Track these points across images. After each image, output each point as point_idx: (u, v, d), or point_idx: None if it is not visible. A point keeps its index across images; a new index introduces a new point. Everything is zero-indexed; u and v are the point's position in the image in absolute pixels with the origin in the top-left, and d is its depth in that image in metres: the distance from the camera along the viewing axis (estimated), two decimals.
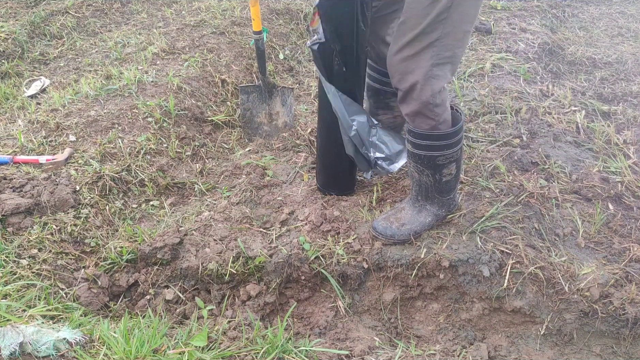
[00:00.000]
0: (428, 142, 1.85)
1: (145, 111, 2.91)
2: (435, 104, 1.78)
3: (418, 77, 1.73)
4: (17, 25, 4.25)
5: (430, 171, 1.91)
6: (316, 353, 1.72)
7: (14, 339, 1.45)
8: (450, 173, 1.92)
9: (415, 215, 2.02)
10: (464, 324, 2.00)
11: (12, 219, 2.14)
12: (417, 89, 1.75)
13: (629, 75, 3.62)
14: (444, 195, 2.00)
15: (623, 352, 1.85)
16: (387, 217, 2.05)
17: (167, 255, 2.09)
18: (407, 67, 1.74)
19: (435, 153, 1.86)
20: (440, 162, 1.88)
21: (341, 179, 2.35)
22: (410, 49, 1.72)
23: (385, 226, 2.02)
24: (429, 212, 2.03)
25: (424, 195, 2.00)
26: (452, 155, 1.88)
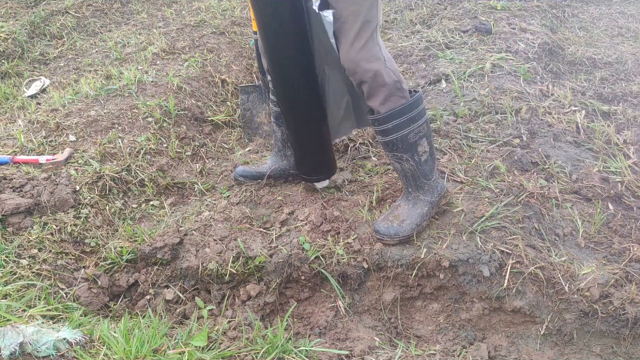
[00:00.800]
0: (395, 121, 1.91)
1: (145, 111, 2.91)
2: (400, 80, 1.89)
3: (375, 64, 1.83)
4: (17, 25, 4.25)
5: (408, 154, 1.97)
6: (316, 353, 1.72)
7: (14, 339, 1.45)
8: (425, 151, 1.99)
9: (412, 209, 2.05)
10: (464, 324, 2.00)
11: (12, 219, 2.14)
12: (381, 74, 1.84)
13: (629, 75, 3.62)
14: (429, 178, 2.05)
15: (623, 352, 1.85)
16: (385, 218, 2.07)
17: (167, 255, 2.09)
18: (363, 57, 1.82)
19: (405, 130, 1.92)
20: (413, 140, 1.94)
21: (324, 157, 2.28)
22: (359, 40, 1.80)
23: (387, 226, 2.03)
24: (423, 202, 2.06)
25: (414, 185, 2.05)
26: (419, 129, 1.95)
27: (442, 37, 3.85)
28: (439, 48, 3.72)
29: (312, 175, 2.30)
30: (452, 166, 2.42)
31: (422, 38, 3.94)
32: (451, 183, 2.33)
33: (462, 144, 2.61)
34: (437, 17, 4.41)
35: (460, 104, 2.93)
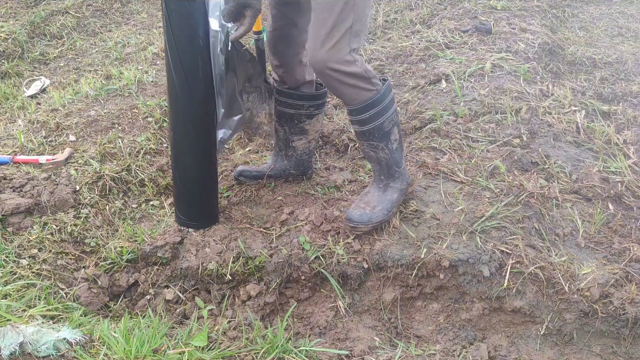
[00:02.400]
0: (372, 110, 1.94)
1: (145, 111, 2.91)
2: (370, 76, 1.90)
3: (345, 64, 1.83)
4: (17, 25, 4.25)
5: (383, 143, 2.01)
6: (316, 353, 1.72)
7: (14, 339, 1.45)
8: (396, 139, 2.05)
9: (382, 195, 2.09)
10: (464, 324, 2.00)
11: (12, 219, 2.14)
12: (350, 73, 1.85)
13: (629, 75, 3.62)
14: (399, 166, 2.11)
15: (623, 352, 1.85)
16: (356, 206, 2.09)
17: (168, 254, 2.09)
18: (332, 57, 1.82)
19: (381, 119, 1.97)
20: (388, 128, 1.99)
21: (211, 201, 2.23)
22: (330, 40, 1.80)
23: (360, 213, 2.04)
24: (393, 189, 2.10)
25: (386, 173, 2.09)
26: (392, 117, 2.00)
27: (442, 37, 3.85)
28: (439, 48, 3.72)
29: (191, 220, 2.20)
30: (452, 166, 2.42)
31: (422, 38, 3.94)
32: (451, 183, 2.33)
33: (462, 144, 2.61)
34: (437, 17, 4.41)
35: (460, 104, 2.93)
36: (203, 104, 1.98)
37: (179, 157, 2.10)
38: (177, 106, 1.99)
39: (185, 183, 2.13)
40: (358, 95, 1.91)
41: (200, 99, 1.96)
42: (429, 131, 2.73)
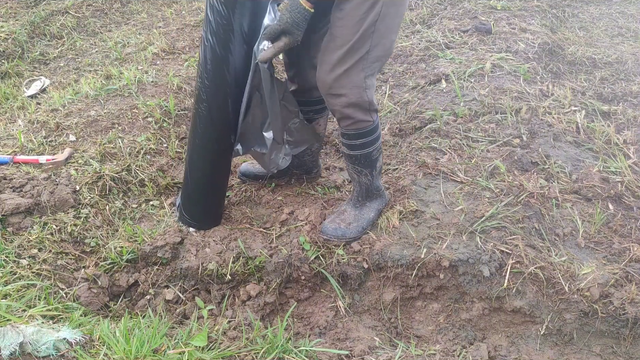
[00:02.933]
0: (364, 139, 1.95)
1: (145, 111, 2.91)
2: (371, 109, 1.90)
3: (353, 91, 1.81)
4: (17, 25, 4.25)
5: (368, 169, 2.04)
6: (316, 353, 1.72)
7: (14, 339, 1.45)
8: (380, 166, 2.10)
9: (358, 214, 2.11)
10: (464, 324, 2.00)
11: (12, 219, 2.14)
12: (354, 103, 1.84)
13: (629, 75, 3.62)
14: (379, 189, 2.15)
15: (623, 352, 1.85)
16: (332, 220, 2.11)
17: (168, 254, 2.09)
18: (341, 84, 1.80)
19: (370, 148, 1.98)
20: (375, 157, 2.01)
21: (219, 206, 2.26)
22: (341, 66, 1.77)
23: (335, 228, 2.07)
24: (370, 209, 2.13)
25: (365, 195, 2.12)
26: (379, 146, 2.02)
27: (442, 37, 3.85)
28: (439, 48, 3.72)
29: (195, 222, 2.22)
30: (452, 166, 2.42)
31: (422, 38, 3.94)
32: (451, 183, 2.33)
33: (462, 144, 2.60)
34: (437, 17, 4.41)
35: (460, 104, 2.93)
36: (227, 110, 2.00)
37: (195, 158, 2.10)
38: (200, 106, 2.00)
39: (197, 184, 2.14)
40: (355, 123, 1.91)
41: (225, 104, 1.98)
42: (429, 131, 2.73)
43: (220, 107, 1.98)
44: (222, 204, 2.26)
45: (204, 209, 2.20)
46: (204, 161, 2.10)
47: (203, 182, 2.14)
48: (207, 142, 2.05)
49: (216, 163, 2.11)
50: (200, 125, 2.02)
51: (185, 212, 2.20)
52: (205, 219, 2.21)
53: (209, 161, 2.09)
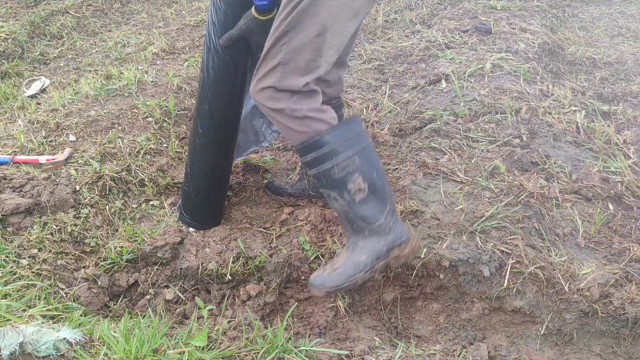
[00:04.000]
0: (314, 153, 1.68)
1: (145, 111, 2.91)
2: (299, 116, 1.66)
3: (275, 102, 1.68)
4: (17, 25, 4.25)
5: (336, 192, 1.68)
6: (316, 353, 1.72)
7: (14, 339, 1.45)
8: (360, 188, 1.66)
9: (349, 257, 1.71)
10: (464, 324, 2.00)
11: (12, 219, 2.14)
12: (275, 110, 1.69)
13: (629, 75, 3.62)
14: (370, 222, 1.68)
15: (623, 352, 1.85)
16: (323, 266, 1.84)
17: (168, 254, 2.09)
18: (262, 96, 1.70)
19: (327, 164, 1.66)
20: (339, 176, 1.65)
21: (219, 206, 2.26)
22: (258, 72, 1.70)
23: (317, 275, 1.74)
24: (362, 249, 1.69)
25: (349, 227, 1.74)
26: (346, 162, 1.65)
27: (442, 37, 3.85)
28: (439, 48, 3.72)
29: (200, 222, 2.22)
30: (452, 166, 2.42)
31: (422, 38, 3.94)
32: (451, 183, 2.33)
33: (462, 144, 2.60)
34: (437, 17, 4.41)
35: (460, 104, 2.93)
36: (229, 111, 2.01)
37: (196, 158, 2.11)
38: (202, 106, 2.00)
39: (198, 184, 2.14)
40: (290, 134, 1.72)
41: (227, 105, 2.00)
42: (429, 131, 2.73)
43: (222, 108, 1.98)
44: (223, 204, 2.26)
45: (204, 209, 2.20)
46: (204, 162, 2.10)
47: (203, 183, 2.14)
48: (208, 142, 2.05)
49: (217, 164, 2.11)
50: (202, 125, 2.02)
51: (185, 212, 2.20)
52: (205, 219, 2.21)
53: (209, 162, 2.10)
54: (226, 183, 2.23)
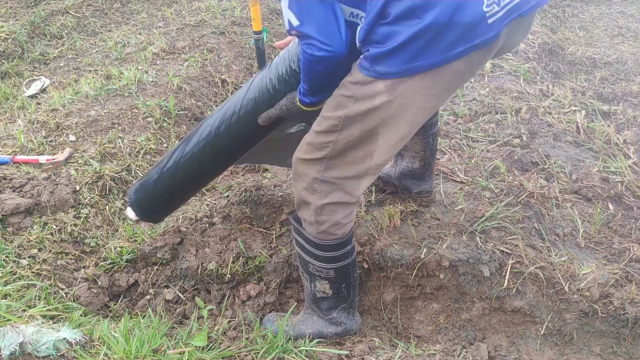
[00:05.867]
0: (303, 242, 1.71)
1: (145, 111, 2.91)
2: (320, 229, 1.64)
3: (303, 184, 1.62)
4: (17, 25, 4.25)
5: (306, 275, 1.77)
6: (316, 353, 1.72)
7: (14, 339, 1.45)
8: (324, 291, 1.75)
9: (301, 322, 1.84)
10: (464, 324, 2.00)
11: (12, 219, 2.14)
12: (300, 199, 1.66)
13: (629, 75, 3.62)
14: (322, 311, 1.80)
15: (623, 352, 1.85)
16: (279, 314, 1.93)
17: (167, 255, 2.09)
18: (297, 168, 1.64)
19: (306, 257, 1.72)
20: (312, 271, 1.73)
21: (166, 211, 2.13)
22: (305, 152, 1.60)
23: (270, 319, 1.89)
24: (313, 325, 1.82)
25: (309, 303, 1.84)
26: (323, 271, 1.71)
27: None
28: None
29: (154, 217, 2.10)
30: (452, 166, 2.42)
31: None
32: (451, 183, 2.33)
33: (462, 144, 2.60)
34: None
35: (460, 104, 2.93)
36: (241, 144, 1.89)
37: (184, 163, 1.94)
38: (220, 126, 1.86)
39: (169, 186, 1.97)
40: (298, 219, 1.70)
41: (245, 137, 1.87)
42: None
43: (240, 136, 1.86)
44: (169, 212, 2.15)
45: (154, 206, 2.04)
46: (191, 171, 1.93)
47: (167, 187, 1.97)
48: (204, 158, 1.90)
49: (202, 179, 2.01)
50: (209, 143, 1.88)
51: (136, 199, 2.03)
52: (152, 215, 2.08)
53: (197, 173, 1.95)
54: (190, 196, 2.12)
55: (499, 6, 1.33)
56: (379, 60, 1.37)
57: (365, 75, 1.41)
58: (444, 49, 1.33)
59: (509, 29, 1.38)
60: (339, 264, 1.70)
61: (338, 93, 1.49)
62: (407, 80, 1.38)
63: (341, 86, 1.48)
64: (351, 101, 1.45)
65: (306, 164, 1.59)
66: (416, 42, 1.31)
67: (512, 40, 1.50)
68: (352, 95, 1.44)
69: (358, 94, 1.43)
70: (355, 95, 1.43)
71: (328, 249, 1.67)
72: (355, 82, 1.43)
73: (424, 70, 1.35)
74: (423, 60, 1.34)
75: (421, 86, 1.39)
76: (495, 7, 1.32)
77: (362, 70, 1.41)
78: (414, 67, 1.35)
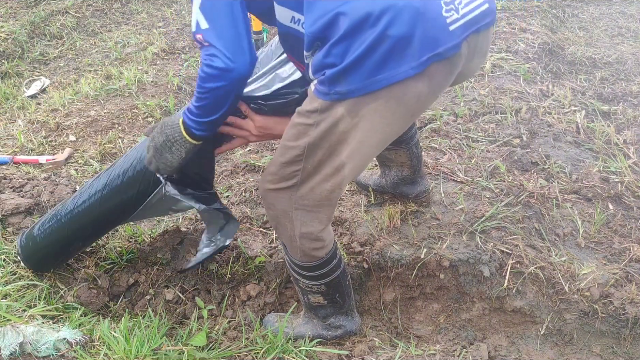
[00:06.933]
0: (288, 257, 1.67)
1: (145, 111, 2.91)
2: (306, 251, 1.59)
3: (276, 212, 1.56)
4: (17, 25, 4.25)
5: (299, 289, 1.75)
6: (316, 353, 1.72)
7: (14, 339, 1.45)
8: (318, 302, 1.73)
9: (301, 325, 1.83)
10: (464, 324, 2.00)
11: (12, 219, 2.14)
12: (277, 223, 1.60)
13: (629, 75, 3.62)
14: (319, 317, 1.79)
15: (623, 352, 1.85)
16: (280, 315, 1.92)
17: (167, 255, 2.09)
18: (267, 199, 1.57)
19: (295, 275, 1.68)
20: (303, 287, 1.71)
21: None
22: (272, 183, 1.52)
23: (270, 320, 1.88)
24: (314, 328, 1.82)
25: (306, 305, 1.81)
26: (313, 287, 1.68)
27: None
28: None
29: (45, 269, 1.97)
30: (452, 166, 2.42)
31: None
32: (451, 183, 2.33)
33: (462, 144, 2.60)
34: None
35: (460, 104, 2.93)
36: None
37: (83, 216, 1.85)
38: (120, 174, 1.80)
39: (57, 236, 1.87)
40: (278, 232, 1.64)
41: None
42: (429, 131, 2.73)
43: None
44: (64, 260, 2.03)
45: (48, 259, 1.94)
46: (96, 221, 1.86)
47: (67, 237, 1.88)
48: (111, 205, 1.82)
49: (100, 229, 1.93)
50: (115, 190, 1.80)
51: (24, 244, 1.92)
52: (39, 263, 1.95)
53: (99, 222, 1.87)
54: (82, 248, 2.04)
55: (458, 13, 1.28)
56: (337, 80, 1.29)
57: (323, 101, 1.34)
58: (407, 59, 1.25)
59: (468, 46, 1.33)
60: (328, 278, 1.67)
61: (297, 121, 1.41)
62: (371, 102, 1.31)
63: (299, 114, 1.41)
64: (312, 128, 1.38)
65: (276, 193, 1.52)
66: (375, 53, 1.24)
67: (471, 65, 1.44)
68: (312, 123, 1.37)
69: (319, 121, 1.36)
70: (317, 122, 1.37)
71: (314, 269, 1.63)
72: (314, 110, 1.36)
73: (388, 84, 1.27)
74: (385, 72, 1.26)
75: (385, 108, 1.32)
76: (454, 14, 1.27)
77: (320, 95, 1.34)
78: (377, 81, 1.27)
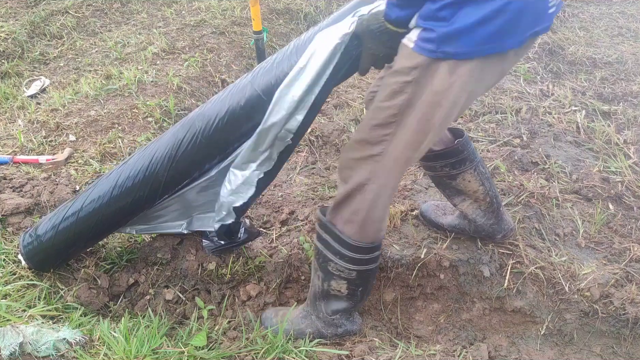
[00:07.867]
0: (329, 239, 1.61)
1: (145, 111, 2.91)
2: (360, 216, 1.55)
3: (349, 186, 1.53)
4: (17, 25, 4.25)
5: (321, 273, 1.69)
6: (316, 353, 1.72)
7: (14, 339, 1.45)
8: (340, 291, 1.69)
9: (298, 319, 1.82)
10: (464, 324, 2.00)
11: (12, 219, 2.14)
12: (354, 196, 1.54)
13: (629, 75, 3.62)
14: (328, 314, 1.77)
15: (623, 352, 1.85)
16: (277, 309, 1.90)
17: (167, 255, 2.09)
18: (346, 167, 1.55)
19: (329, 254, 1.62)
20: (331, 270, 1.65)
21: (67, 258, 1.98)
22: (355, 150, 1.51)
23: (268, 316, 1.87)
24: (312, 324, 1.80)
25: (312, 300, 1.79)
26: (345, 271, 1.63)
27: None
28: None
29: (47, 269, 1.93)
30: None
31: None
32: None
33: None
34: None
35: None
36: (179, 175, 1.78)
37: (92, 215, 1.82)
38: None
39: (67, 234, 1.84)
40: (334, 215, 1.61)
41: None
42: None
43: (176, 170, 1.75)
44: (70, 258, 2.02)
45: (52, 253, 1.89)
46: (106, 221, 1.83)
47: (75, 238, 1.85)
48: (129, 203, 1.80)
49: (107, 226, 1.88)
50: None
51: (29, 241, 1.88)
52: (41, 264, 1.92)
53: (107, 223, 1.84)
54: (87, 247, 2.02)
55: (553, 3, 1.32)
56: (448, 41, 1.25)
57: (427, 57, 1.30)
58: (517, 32, 1.25)
59: (528, 43, 1.35)
60: (364, 267, 1.63)
61: (392, 80, 1.37)
62: (468, 62, 1.28)
63: (395, 73, 1.37)
64: (410, 86, 1.34)
65: (357, 163, 1.48)
66: (492, 22, 1.21)
67: (516, 61, 1.46)
68: (411, 80, 1.34)
69: (418, 78, 1.33)
70: (416, 79, 1.33)
71: (359, 250, 1.59)
72: (414, 66, 1.32)
73: (495, 52, 1.26)
74: (496, 42, 1.25)
75: (480, 71, 1.30)
76: (554, 1, 1.32)
77: (423, 52, 1.30)
78: (487, 49, 1.25)
